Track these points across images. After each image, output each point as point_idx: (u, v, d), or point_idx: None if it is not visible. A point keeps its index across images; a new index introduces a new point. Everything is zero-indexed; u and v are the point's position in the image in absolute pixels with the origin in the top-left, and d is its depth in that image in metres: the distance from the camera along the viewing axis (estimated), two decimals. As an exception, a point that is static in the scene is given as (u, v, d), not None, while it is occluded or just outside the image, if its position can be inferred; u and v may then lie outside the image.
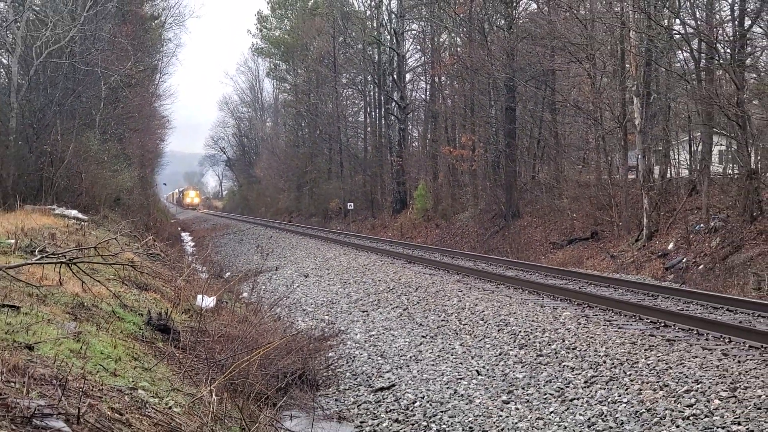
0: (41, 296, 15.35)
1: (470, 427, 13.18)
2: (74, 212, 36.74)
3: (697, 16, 34.50)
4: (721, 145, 38.19)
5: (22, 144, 40.91)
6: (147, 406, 10.50)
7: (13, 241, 22.03)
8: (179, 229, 71.79)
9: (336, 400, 16.24)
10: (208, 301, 21.86)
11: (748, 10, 33.89)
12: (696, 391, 12.67)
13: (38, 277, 17.22)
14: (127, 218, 44.85)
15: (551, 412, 13.03)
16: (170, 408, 11.04)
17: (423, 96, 68.04)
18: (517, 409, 13.52)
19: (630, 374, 14.01)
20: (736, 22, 34.33)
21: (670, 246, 31.73)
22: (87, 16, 43.00)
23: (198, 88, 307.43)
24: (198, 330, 18.27)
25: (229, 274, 34.39)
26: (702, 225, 31.61)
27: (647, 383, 13.39)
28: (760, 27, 34.62)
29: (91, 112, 46.65)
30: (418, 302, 23.92)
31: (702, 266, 28.57)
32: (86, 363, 11.35)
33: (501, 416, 13.34)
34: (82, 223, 34.19)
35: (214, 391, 12.71)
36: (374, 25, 70.77)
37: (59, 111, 43.09)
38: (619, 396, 13.08)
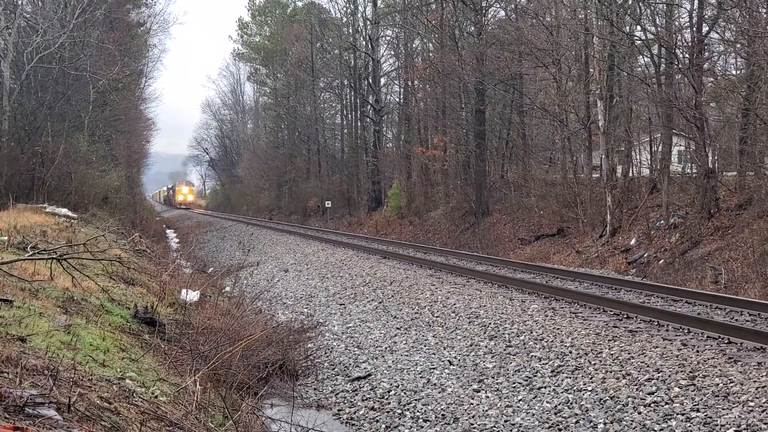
0: (33, 291, 15.31)
1: (443, 415, 13.20)
2: (64, 210, 36.65)
3: (657, 22, 34.64)
4: (680, 145, 38.41)
5: (14, 145, 40.80)
6: (134, 395, 10.48)
7: (5, 238, 21.93)
8: (164, 226, 71.38)
9: (315, 389, 16.25)
10: (192, 295, 21.81)
11: (706, 17, 34.06)
12: (657, 379, 12.73)
13: (30, 272, 17.18)
14: (115, 216, 44.87)
15: (520, 400, 13.07)
16: (156, 397, 11.02)
17: (397, 99, 68.19)
18: (488, 397, 13.55)
19: (594, 364, 14.07)
20: (695, 29, 34.46)
21: (632, 242, 31.86)
22: (76, 23, 42.91)
23: (182, 90, 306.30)
24: (182, 323, 18.23)
25: (212, 269, 34.31)
26: (662, 222, 31.75)
27: (611, 372, 13.45)
28: (717, 33, 34.85)
29: (80, 114, 46.55)
30: (392, 296, 23.94)
31: (662, 261, 28.69)
32: (76, 354, 11.33)
33: (472, 404, 13.37)
34: (72, 220, 34.08)
35: (198, 381, 12.69)
36: (350, 31, 70.80)
37: (50, 114, 43.02)
38: (584, 384, 13.12)
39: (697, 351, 14.20)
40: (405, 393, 14.76)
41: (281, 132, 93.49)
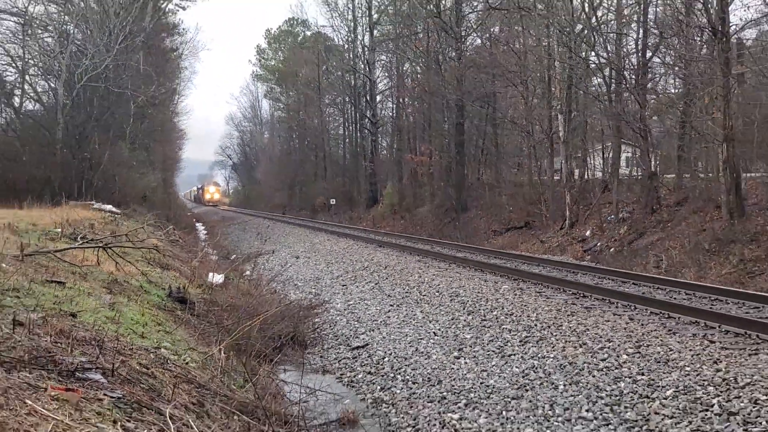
0: (82, 274, 15.26)
1: (428, 378, 13.17)
2: (109, 207, 36.61)
3: (608, 49, 34.60)
4: (628, 152, 38.42)
5: (66, 152, 40.83)
6: (168, 362, 10.44)
7: (59, 229, 21.90)
8: (194, 220, 71.39)
9: (321, 357, 16.22)
10: (217, 278, 21.80)
11: (649, 44, 34.11)
12: (608, 348, 12.71)
13: (80, 258, 17.13)
14: (152, 212, 44.76)
15: (493, 365, 13.04)
16: (187, 363, 10.99)
17: (390, 113, 68.08)
18: (466, 363, 13.52)
19: (556, 335, 14.05)
20: (640, 54, 34.51)
21: (588, 233, 31.86)
22: (119, 48, 42.86)
23: (209, 105, 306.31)
24: (209, 301, 18.22)
25: (234, 256, 34.28)
26: (613, 216, 31.76)
27: (569, 342, 13.43)
28: (659, 57, 34.89)
29: (122, 126, 46.50)
30: (386, 278, 23.92)
31: (613, 249, 28.70)
32: (119, 327, 11.30)
33: (453, 369, 13.34)
34: (116, 215, 34.05)
35: (222, 350, 12.66)
36: (351, 56, 70.65)
37: (96, 125, 43.01)
38: (547, 352, 13.10)
39: (642, 324, 14.19)
40: (397, 359, 14.73)
41: (293, 141, 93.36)
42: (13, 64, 43.03)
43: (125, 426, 6.92)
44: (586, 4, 35.45)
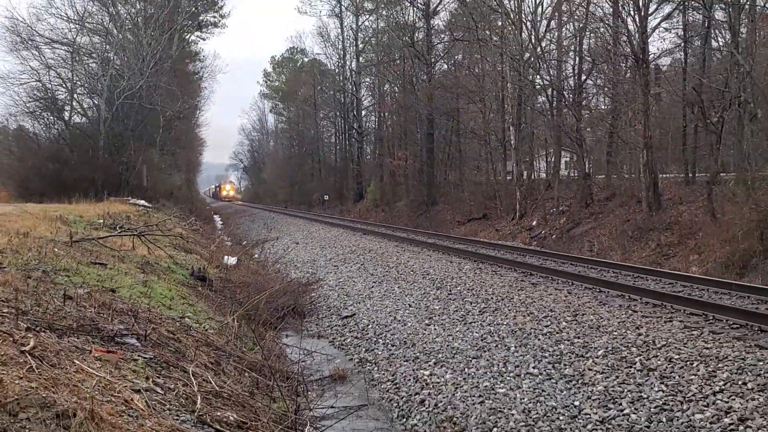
0: (120, 257, 15.21)
1: (404, 341, 13.17)
2: (142, 202, 36.48)
3: (551, 73, 34.71)
4: (566, 157, 38.53)
5: (107, 157, 40.73)
6: (191, 329, 10.42)
7: (102, 220, 21.80)
8: (212, 213, 71.03)
9: (316, 324, 16.18)
10: (231, 260, 21.77)
11: (584, 69, 34.23)
12: (551, 317, 12.75)
13: (119, 244, 17.08)
14: (178, 206, 44.75)
15: (457, 331, 13.05)
16: (206, 330, 10.97)
17: (373, 125, 67.78)
18: (435, 329, 13.52)
19: (508, 306, 14.08)
20: (576, 77, 34.65)
21: (534, 223, 31.95)
22: (150, 71, 42.66)
23: (225, 117, 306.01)
24: (225, 279, 18.19)
25: (245, 242, 34.15)
26: (554, 209, 31.86)
27: (519, 312, 13.46)
28: (591, 80, 34.99)
29: (153, 135, 46.26)
30: (370, 260, 23.89)
31: (554, 236, 28.79)
32: (150, 301, 11.26)
33: (425, 333, 13.35)
34: (148, 209, 33.89)
35: (235, 319, 12.65)
36: (341, 78, 70.41)
37: (132, 135, 42.83)
38: (501, 320, 13.13)
39: (578, 297, 14.25)
40: (379, 327, 14.72)
41: (293, 148, 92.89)
42: (64, 85, 42.89)
43: (156, 381, 6.90)
44: (533, 37, 35.59)
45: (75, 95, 43.96)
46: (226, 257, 22.12)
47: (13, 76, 41.27)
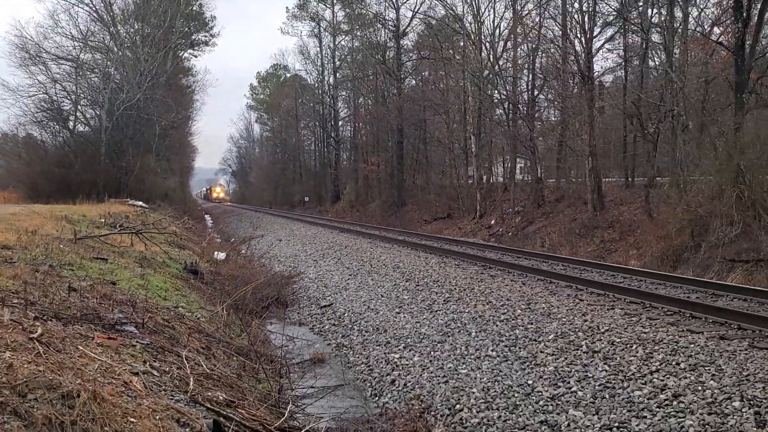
0: (120, 253, 15.06)
1: (377, 328, 13.19)
2: (140, 203, 36.15)
3: (507, 88, 34.90)
4: (521, 163, 38.76)
5: (108, 162, 40.38)
6: (184, 317, 10.34)
7: (103, 220, 21.56)
8: (203, 213, 70.51)
9: (297, 313, 16.16)
10: (221, 255, 21.66)
11: (537, 85, 34.49)
12: (507, 305, 12.82)
13: (119, 241, 16.92)
14: (172, 206, 44.37)
15: (424, 318, 13.09)
16: (198, 318, 10.89)
17: (349, 134, 67.66)
18: (404, 317, 13.55)
19: (470, 296, 14.14)
20: (529, 92, 34.88)
21: (492, 222, 32.11)
22: (148, 85, 42.31)
23: (215, 126, 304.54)
24: (215, 272, 18.07)
25: (233, 239, 33.98)
26: (510, 209, 32.05)
27: (479, 301, 13.52)
28: (543, 95, 35.29)
29: (150, 143, 45.80)
30: (346, 255, 23.86)
31: (510, 233, 28.97)
32: (147, 292, 11.17)
33: (395, 321, 13.37)
34: (145, 209, 33.57)
35: (224, 308, 12.58)
36: (320, 92, 70.17)
37: (130, 142, 42.47)
38: (463, 308, 13.18)
39: (532, 287, 14.34)
40: (354, 315, 14.72)
41: (277, 154, 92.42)
42: (69, 98, 42.51)
43: (152, 365, 6.86)
44: (491, 56, 35.78)
45: (79, 106, 43.56)
46: (216, 252, 22.02)
47: (22, 89, 40.70)
